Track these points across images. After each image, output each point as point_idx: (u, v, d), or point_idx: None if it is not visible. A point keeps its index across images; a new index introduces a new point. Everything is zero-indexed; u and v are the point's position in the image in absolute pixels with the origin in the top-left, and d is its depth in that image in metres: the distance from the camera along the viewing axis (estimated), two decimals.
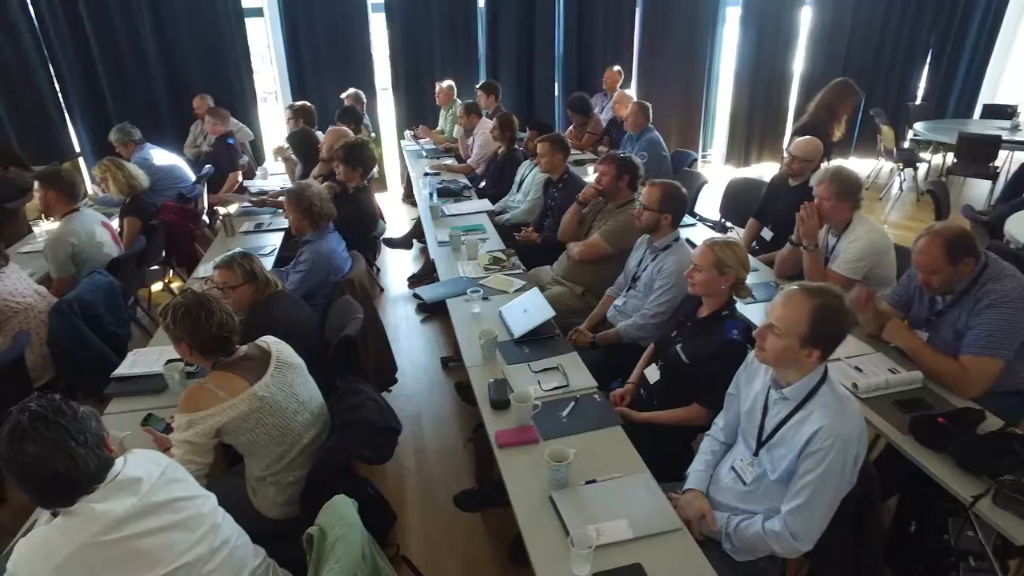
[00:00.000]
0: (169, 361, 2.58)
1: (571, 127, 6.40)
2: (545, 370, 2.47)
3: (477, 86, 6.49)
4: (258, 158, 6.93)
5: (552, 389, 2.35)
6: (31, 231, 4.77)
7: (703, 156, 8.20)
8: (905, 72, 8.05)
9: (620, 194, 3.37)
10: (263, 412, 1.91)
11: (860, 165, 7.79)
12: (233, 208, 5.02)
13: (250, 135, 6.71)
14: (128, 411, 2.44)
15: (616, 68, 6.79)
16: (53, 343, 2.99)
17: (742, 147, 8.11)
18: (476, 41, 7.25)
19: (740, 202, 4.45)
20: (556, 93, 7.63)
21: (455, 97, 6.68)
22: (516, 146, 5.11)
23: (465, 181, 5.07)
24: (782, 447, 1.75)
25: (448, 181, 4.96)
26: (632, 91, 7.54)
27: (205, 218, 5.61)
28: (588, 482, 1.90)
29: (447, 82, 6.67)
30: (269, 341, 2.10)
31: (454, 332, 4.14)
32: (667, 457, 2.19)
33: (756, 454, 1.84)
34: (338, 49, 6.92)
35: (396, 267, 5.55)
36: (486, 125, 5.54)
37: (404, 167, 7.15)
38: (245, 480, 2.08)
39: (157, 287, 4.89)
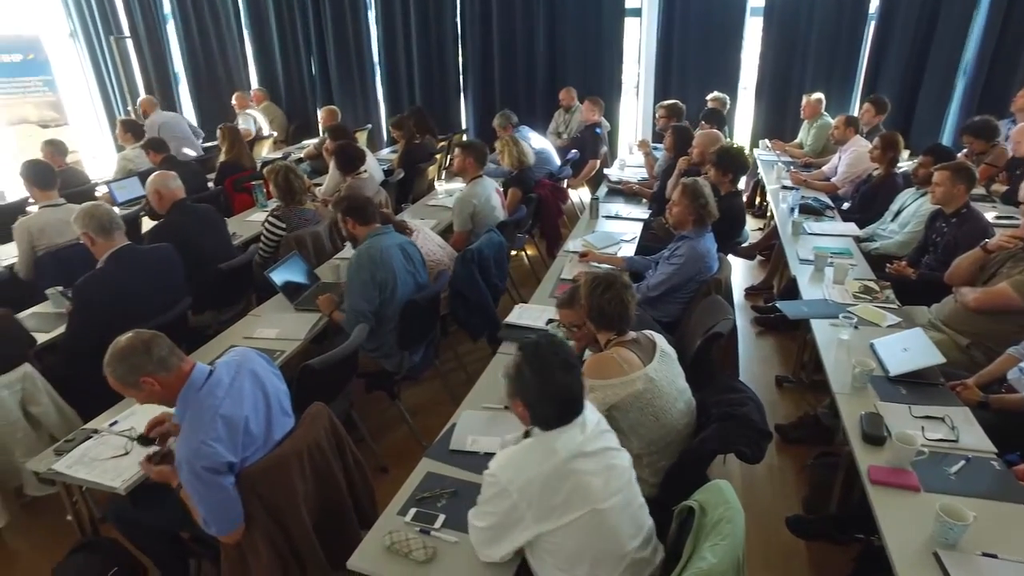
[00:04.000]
0: (550, 321, 2.96)
1: (962, 154, 5.55)
2: (928, 417, 2.29)
3: (867, 98, 5.98)
4: (612, 149, 7.39)
5: (937, 440, 2.17)
6: (434, 188, 5.82)
7: None
8: None
9: None
10: (652, 394, 2.09)
11: None
12: (592, 192, 5.45)
13: (607, 126, 7.18)
14: None
15: None
16: (453, 283, 3.61)
17: None
18: (859, 49, 6.67)
19: None
20: (948, 112, 6.51)
21: (822, 111, 6.28)
22: (895, 170, 4.64)
23: (827, 200, 4.78)
24: None
25: (809, 198, 4.73)
26: None
27: None
28: (986, 554, 1.73)
29: (816, 95, 6.25)
30: (652, 332, 2.31)
31: (790, 351, 4.04)
32: None
33: None
34: (708, 50, 7.01)
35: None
36: (860, 143, 5.12)
37: (752, 176, 6.99)
38: None
39: (512, 252, 5.58)
